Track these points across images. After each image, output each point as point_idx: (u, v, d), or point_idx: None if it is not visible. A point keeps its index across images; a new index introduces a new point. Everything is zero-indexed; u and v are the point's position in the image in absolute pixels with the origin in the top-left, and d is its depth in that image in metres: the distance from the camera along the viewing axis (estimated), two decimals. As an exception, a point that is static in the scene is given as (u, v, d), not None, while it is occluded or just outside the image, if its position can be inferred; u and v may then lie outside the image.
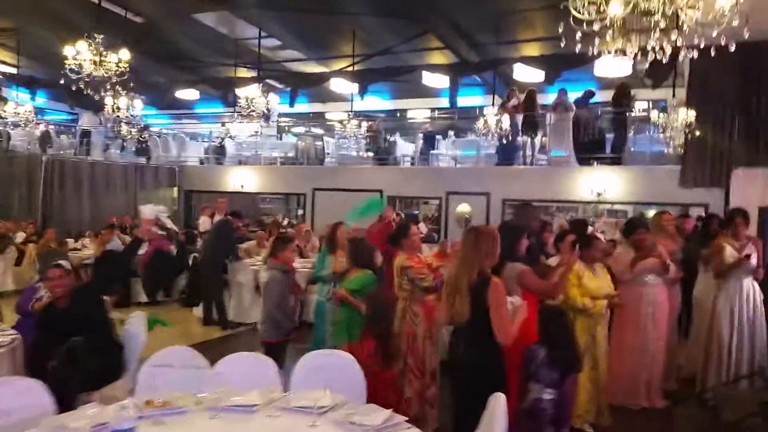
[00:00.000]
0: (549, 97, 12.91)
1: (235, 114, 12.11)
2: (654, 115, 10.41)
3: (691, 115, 9.03)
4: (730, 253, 5.45)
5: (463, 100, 14.86)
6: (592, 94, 12.19)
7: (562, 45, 4.13)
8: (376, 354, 3.89)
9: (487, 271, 3.37)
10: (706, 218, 6.72)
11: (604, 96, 13.02)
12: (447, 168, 14.06)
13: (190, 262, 9.67)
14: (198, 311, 8.91)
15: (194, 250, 10.02)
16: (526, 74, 12.15)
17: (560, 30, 4.04)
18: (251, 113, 11.32)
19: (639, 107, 12.69)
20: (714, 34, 3.98)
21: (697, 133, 9.08)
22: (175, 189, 16.14)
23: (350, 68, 13.51)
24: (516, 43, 12.63)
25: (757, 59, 9.14)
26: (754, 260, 5.37)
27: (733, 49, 4.03)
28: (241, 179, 14.97)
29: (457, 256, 3.52)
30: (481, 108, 11.91)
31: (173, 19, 13.05)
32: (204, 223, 11.25)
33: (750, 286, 5.43)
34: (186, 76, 16.24)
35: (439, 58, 13.58)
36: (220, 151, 16.62)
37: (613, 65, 10.50)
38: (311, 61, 14.96)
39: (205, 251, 8.78)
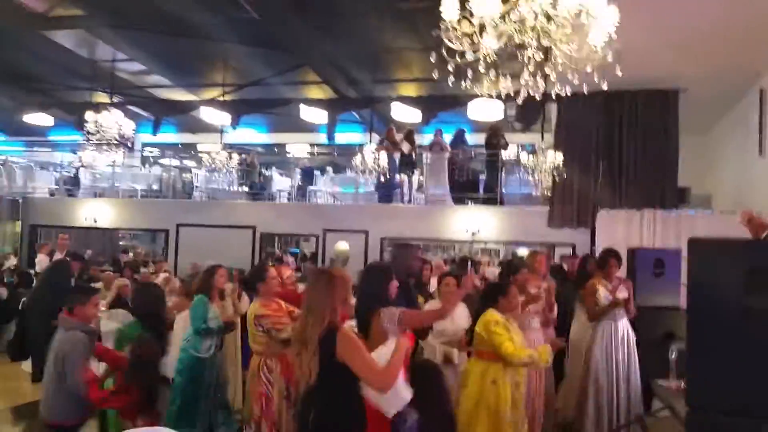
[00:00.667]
0: (426, 138, 12.97)
1: (87, 141, 10.87)
2: (524, 157, 10.68)
3: (559, 157, 9.28)
4: (603, 294, 5.39)
5: (342, 137, 14.59)
6: (462, 132, 12.38)
7: (436, 78, 3.82)
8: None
9: (336, 321, 2.87)
10: (584, 258, 6.71)
11: (477, 138, 13.31)
12: (325, 205, 13.62)
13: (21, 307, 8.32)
14: (27, 365, 7.63)
15: (27, 293, 8.66)
16: (403, 113, 12.12)
17: (435, 73, 3.74)
18: (106, 141, 10.18)
19: (510, 151, 13.09)
20: (588, 69, 3.81)
21: (564, 175, 9.32)
22: (18, 223, 14.27)
23: (221, 98, 12.78)
24: (394, 82, 12.61)
25: (619, 105, 9.63)
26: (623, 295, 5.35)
27: (605, 87, 3.89)
28: (95, 213, 13.48)
29: (304, 304, 2.97)
30: (360, 145, 11.67)
31: (20, 36, 11.66)
32: (41, 262, 9.85)
33: (624, 328, 5.37)
34: (36, 98, 14.62)
35: (316, 92, 13.26)
36: (73, 181, 15.00)
37: (485, 108, 10.68)
38: (179, 89, 14.02)
39: (34, 296, 7.55)
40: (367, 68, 11.53)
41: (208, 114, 13.81)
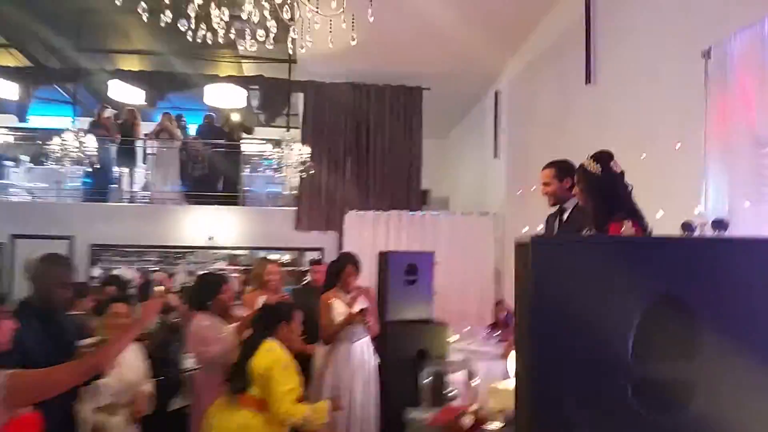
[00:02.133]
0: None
1: None
2: (269, 151, 9.57)
3: (306, 153, 8.34)
4: (339, 309, 4.46)
5: (43, 121, 11.77)
6: (211, 119, 10.73)
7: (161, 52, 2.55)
8: None
9: None
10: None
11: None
12: (19, 203, 10.75)
13: None
14: None
15: None
16: (123, 92, 9.98)
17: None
18: None
19: (255, 145, 11.90)
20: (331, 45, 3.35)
21: (312, 172, 8.42)
22: None
23: None
24: (110, 53, 10.40)
25: (366, 99, 9.09)
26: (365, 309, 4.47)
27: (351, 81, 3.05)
28: None
29: None
30: (63, 130, 9.27)
31: None
32: None
33: (363, 350, 4.50)
34: None
35: (4, 58, 10.34)
36: None
37: (224, 93, 9.30)
38: None
39: None
40: (73, 32, 9.20)
41: None
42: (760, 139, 3.49)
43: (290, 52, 5.36)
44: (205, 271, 6.92)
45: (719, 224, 3.84)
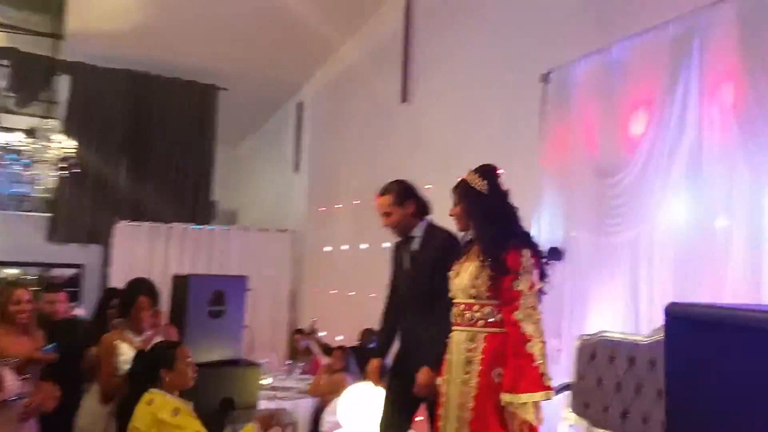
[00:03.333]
0: None
1: None
2: (18, 143, 7.67)
3: (70, 147, 6.81)
4: (127, 355, 3.36)
5: None
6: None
7: None
8: None
9: None
10: (108, 294, 4.33)
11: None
12: None
13: None
14: None
15: None
16: None
17: None
18: None
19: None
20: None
21: (77, 171, 6.91)
22: None
23: None
24: None
25: (150, 92, 7.85)
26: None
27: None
28: None
29: None
30: None
31: None
32: None
33: None
34: None
35: None
36: None
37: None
38: None
39: None
40: None
41: None
42: (602, 169, 3.40)
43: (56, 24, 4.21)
44: None
45: (554, 252, 3.72)
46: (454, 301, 2.32)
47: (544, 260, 2.24)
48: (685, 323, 1.39)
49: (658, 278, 3.04)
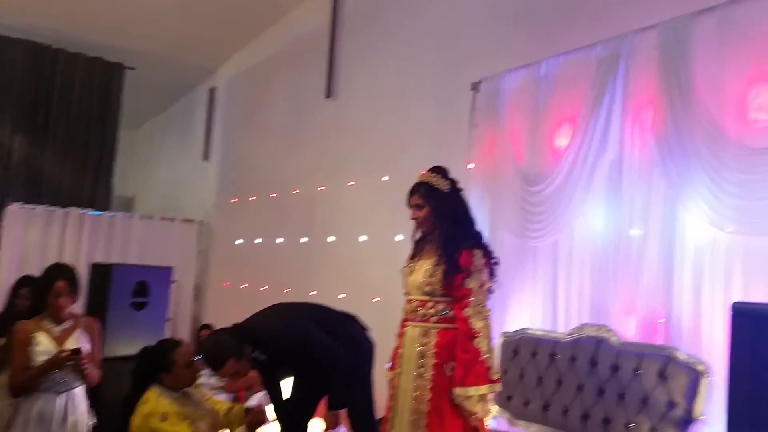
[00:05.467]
0: None
1: None
2: None
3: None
4: (44, 346, 3.11)
5: None
6: None
7: None
8: None
9: None
10: (22, 282, 3.86)
11: None
12: None
13: None
14: None
15: None
16: None
17: None
18: None
19: None
20: None
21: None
22: None
23: None
24: None
25: (52, 66, 7.28)
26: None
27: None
28: None
29: None
30: None
31: None
32: None
33: (73, 405, 3.21)
34: None
35: None
36: None
37: None
38: None
39: None
40: None
41: None
42: (527, 177, 3.60)
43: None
44: None
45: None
46: (408, 297, 2.39)
47: (493, 261, 2.36)
48: (750, 320, 1.52)
49: (576, 281, 3.28)
